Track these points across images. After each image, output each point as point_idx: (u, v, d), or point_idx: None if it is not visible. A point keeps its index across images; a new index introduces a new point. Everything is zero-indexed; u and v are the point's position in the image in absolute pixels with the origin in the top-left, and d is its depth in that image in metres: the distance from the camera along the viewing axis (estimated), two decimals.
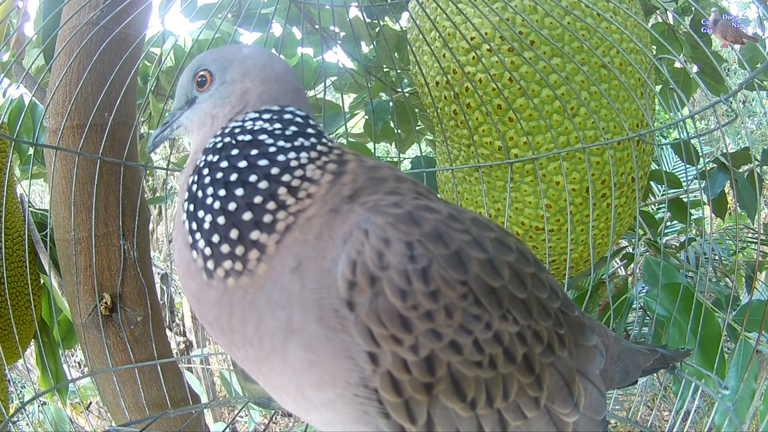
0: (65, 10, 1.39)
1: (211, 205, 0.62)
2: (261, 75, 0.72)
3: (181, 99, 0.78)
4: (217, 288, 0.62)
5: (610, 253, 1.52)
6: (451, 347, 0.58)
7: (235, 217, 0.61)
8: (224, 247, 0.61)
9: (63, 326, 1.78)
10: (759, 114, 6.60)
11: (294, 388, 0.61)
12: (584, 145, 1.32)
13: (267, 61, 0.74)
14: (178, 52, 2.24)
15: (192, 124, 0.75)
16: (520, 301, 0.64)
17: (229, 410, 3.76)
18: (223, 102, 0.72)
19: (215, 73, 0.73)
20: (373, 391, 0.57)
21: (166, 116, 0.81)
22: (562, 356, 0.68)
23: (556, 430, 0.67)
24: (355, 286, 0.56)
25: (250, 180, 0.62)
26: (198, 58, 0.76)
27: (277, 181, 0.62)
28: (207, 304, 0.63)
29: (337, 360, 0.57)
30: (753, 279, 1.55)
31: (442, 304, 0.58)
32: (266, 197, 0.62)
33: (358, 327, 0.56)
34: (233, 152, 0.65)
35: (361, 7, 1.78)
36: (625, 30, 1.29)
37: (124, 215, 1.43)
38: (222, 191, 0.63)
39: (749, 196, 1.78)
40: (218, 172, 0.64)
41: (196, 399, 1.55)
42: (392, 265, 0.57)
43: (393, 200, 0.62)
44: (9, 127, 1.76)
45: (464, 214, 0.64)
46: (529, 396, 0.64)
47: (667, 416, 3.43)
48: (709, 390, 1.10)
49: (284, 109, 0.70)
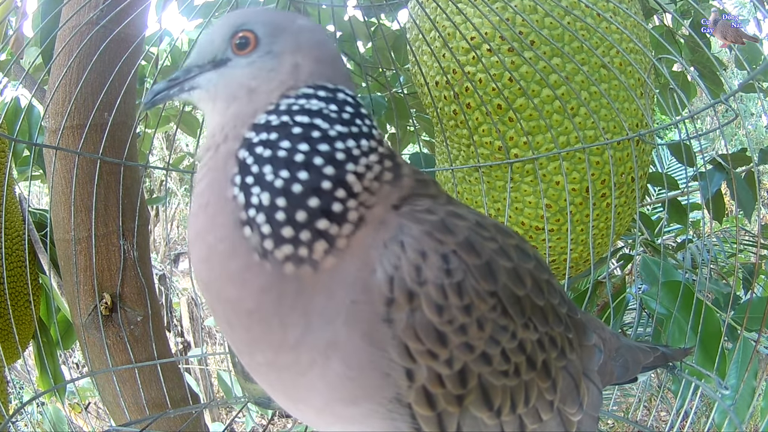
0: (65, 10, 1.39)
1: (272, 182, 0.55)
2: (315, 52, 0.63)
3: (204, 55, 0.65)
4: (270, 272, 0.55)
5: (610, 253, 1.53)
6: (482, 359, 0.58)
7: (301, 201, 0.55)
8: (287, 230, 0.54)
9: (61, 326, 1.78)
10: (755, 115, 6.62)
11: (322, 402, 0.58)
12: (584, 145, 1.32)
13: (323, 39, 0.65)
14: (175, 52, 2.24)
15: (216, 91, 0.63)
16: (539, 309, 0.64)
17: (227, 411, 3.75)
18: (269, 75, 0.62)
19: (262, 39, 0.62)
20: (407, 405, 0.56)
21: (175, 72, 0.67)
22: (573, 359, 0.69)
23: (564, 428, 0.68)
24: (393, 303, 0.54)
25: (315, 163, 0.56)
26: (240, 14, 0.65)
27: (342, 168, 0.57)
28: (251, 288, 0.55)
29: (375, 375, 0.55)
30: (752, 279, 1.55)
31: (475, 317, 0.57)
32: (335, 183, 0.56)
33: (395, 343, 0.54)
34: (295, 131, 0.58)
35: (359, 6, 1.79)
36: (625, 30, 1.30)
37: (124, 215, 1.43)
38: (285, 172, 0.56)
39: (746, 196, 1.79)
40: (280, 151, 0.57)
41: (195, 399, 1.55)
42: (429, 280, 0.55)
43: (425, 205, 0.59)
44: (8, 127, 1.76)
45: (486, 220, 0.63)
46: (545, 400, 0.65)
47: (665, 416, 3.43)
48: (709, 390, 1.10)
49: (338, 88, 0.62)
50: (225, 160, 0.59)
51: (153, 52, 2.06)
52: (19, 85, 1.90)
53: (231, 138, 0.60)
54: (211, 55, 0.64)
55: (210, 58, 0.64)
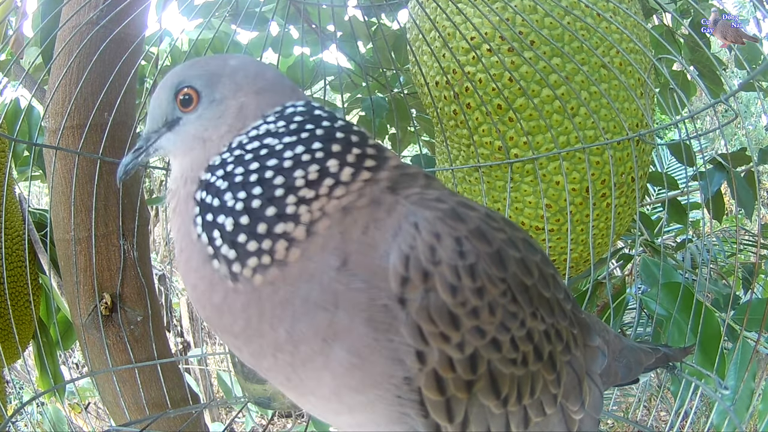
0: (65, 10, 1.39)
1: (233, 207, 0.59)
2: (254, 87, 0.66)
3: (158, 120, 0.69)
4: (243, 291, 0.58)
5: (610, 253, 1.53)
6: (492, 345, 0.58)
7: (260, 213, 0.58)
8: (251, 244, 0.58)
9: (61, 326, 1.78)
10: (755, 114, 6.62)
11: (329, 392, 0.59)
12: (584, 145, 1.32)
13: (258, 70, 0.68)
14: (175, 52, 2.24)
15: (176, 148, 0.68)
16: (545, 300, 0.65)
17: (227, 411, 3.76)
18: (218, 122, 0.65)
19: (202, 91, 0.66)
20: (416, 390, 0.57)
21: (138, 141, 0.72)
22: (577, 355, 0.70)
23: (566, 426, 0.69)
24: (408, 282, 0.55)
25: (266, 177, 0.59)
26: (176, 74, 0.68)
27: (291, 176, 0.59)
28: (234, 313, 0.59)
29: (382, 361, 0.56)
30: (752, 279, 1.55)
31: (486, 301, 0.57)
32: (286, 190, 0.58)
33: (408, 324, 0.55)
34: (246, 157, 0.61)
35: (359, 5, 1.79)
36: (625, 30, 1.30)
37: (124, 215, 1.43)
38: (242, 193, 0.59)
39: (746, 195, 1.79)
40: (236, 177, 0.60)
41: (195, 399, 1.55)
42: (444, 260, 0.56)
43: (435, 195, 0.61)
44: (8, 127, 1.76)
45: (494, 212, 0.65)
46: (550, 393, 0.65)
47: (664, 416, 3.44)
48: (709, 390, 1.10)
49: (285, 105, 0.65)
50: (185, 203, 0.63)
51: (153, 52, 2.06)
52: (19, 85, 1.91)
53: (189, 182, 0.64)
54: (163, 119, 0.69)
55: (162, 122, 0.69)
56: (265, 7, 1.89)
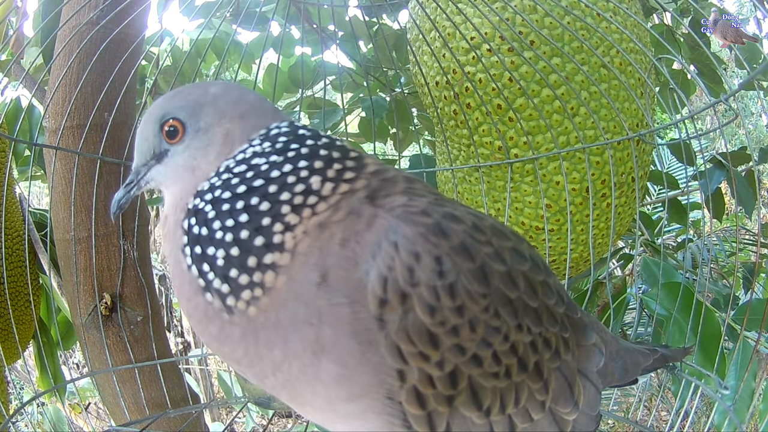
0: (65, 10, 1.39)
1: (222, 238, 0.59)
2: (237, 112, 0.66)
3: (145, 154, 0.70)
4: (239, 323, 0.59)
5: (610, 253, 1.53)
6: (473, 361, 0.59)
7: (249, 244, 0.58)
8: (243, 278, 0.58)
9: (62, 326, 1.78)
10: (755, 114, 6.62)
11: (323, 402, 0.60)
12: (584, 145, 1.32)
13: (239, 94, 0.68)
14: (175, 52, 2.24)
15: (166, 179, 0.68)
16: (532, 310, 0.64)
17: (227, 411, 3.76)
18: (206, 151, 0.65)
19: (186, 121, 0.66)
20: (398, 404, 0.57)
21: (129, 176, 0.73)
22: (567, 360, 0.70)
23: (558, 428, 0.69)
24: (386, 304, 0.55)
25: (252, 203, 0.59)
26: (159, 106, 0.69)
27: (277, 201, 0.59)
28: (232, 343, 0.60)
29: (368, 372, 0.56)
30: (752, 279, 1.55)
31: (467, 318, 0.57)
32: (272, 218, 0.59)
33: (387, 345, 0.56)
34: (233, 181, 0.61)
35: (360, 6, 1.79)
36: (625, 30, 1.29)
37: (124, 215, 1.42)
38: (230, 221, 0.59)
39: (746, 194, 1.79)
40: (223, 205, 0.60)
41: (195, 399, 1.55)
42: (422, 281, 0.56)
43: (419, 206, 0.60)
44: (8, 127, 1.76)
45: (484, 221, 0.64)
46: (536, 400, 0.66)
47: (665, 416, 3.44)
48: (709, 390, 1.10)
49: (269, 127, 0.66)
50: (174, 230, 0.64)
51: (153, 52, 2.06)
52: (19, 85, 1.91)
53: (179, 209, 0.65)
54: (150, 152, 0.69)
55: (151, 155, 0.69)
56: (265, 7, 1.89)
